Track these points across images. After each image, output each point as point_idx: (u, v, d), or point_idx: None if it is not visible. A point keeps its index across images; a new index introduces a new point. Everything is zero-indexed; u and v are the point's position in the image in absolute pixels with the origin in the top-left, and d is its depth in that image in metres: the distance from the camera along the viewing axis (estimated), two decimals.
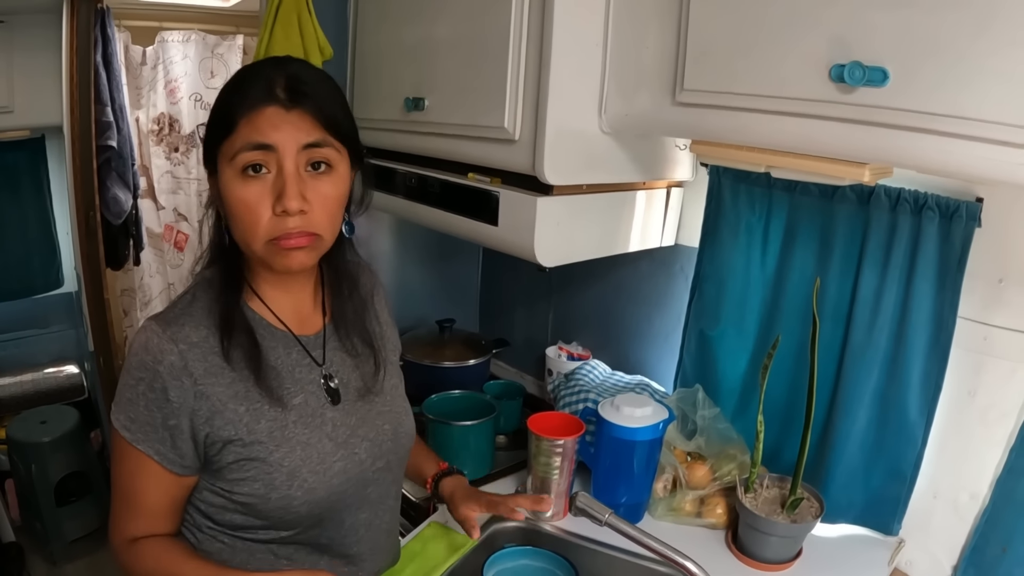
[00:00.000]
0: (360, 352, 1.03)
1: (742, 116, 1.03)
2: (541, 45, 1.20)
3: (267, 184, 0.84)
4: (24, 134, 2.84)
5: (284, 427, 0.90)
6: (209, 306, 0.90)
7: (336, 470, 0.93)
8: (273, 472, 0.88)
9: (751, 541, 1.25)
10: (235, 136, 0.83)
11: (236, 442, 0.87)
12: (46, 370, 3.03)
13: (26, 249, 3.03)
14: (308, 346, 0.97)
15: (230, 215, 0.87)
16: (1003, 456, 1.19)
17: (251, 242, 0.86)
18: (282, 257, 0.86)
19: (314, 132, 0.85)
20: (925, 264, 1.18)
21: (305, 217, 0.85)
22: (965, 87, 0.81)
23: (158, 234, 3.19)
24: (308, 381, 0.95)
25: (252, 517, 0.91)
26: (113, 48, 2.62)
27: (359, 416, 0.99)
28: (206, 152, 0.89)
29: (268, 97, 0.83)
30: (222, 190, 0.86)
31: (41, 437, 2.58)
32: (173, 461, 0.87)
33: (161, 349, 0.84)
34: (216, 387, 0.87)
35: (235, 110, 0.83)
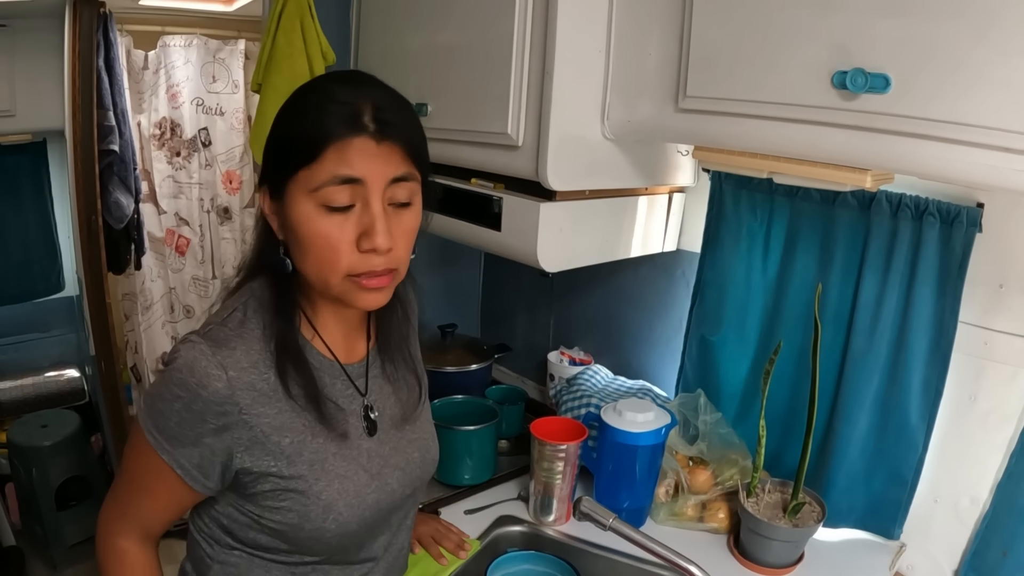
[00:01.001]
0: (402, 379, 1.00)
1: (745, 122, 1.03)
2: (544, 51, 1.21)
3: (352, 217, 0.79)
4: (26, 138, 2.84)
5: (324, 460, 0.87)
6: (262, 327, 0.85)
7: (370, 502, 0.91)
8: (310, 505, 0.85)
9: (753, 545, 1.25)
10: (319, 166, 0.76)
11: (275, 473, 0.84)
12: (47, 374, 3.02)
13: (27, 253, 3.03)
14: (352, 375, 0.93)
15: (303, 247, 0.80)
16: (1004, 460, 1.19)
17: (328, 277, 0.81)
18: (362, 296, 0.82)
19: (402, 166, 0.80)
20: (926, 269, 1.19)
21: (390, 255, 0.81)
22: (966, 94, 0.82)
23: (160, 239, 3.19)
24: (349, 412, 0.92)
25: (279, 541, 0.89)
26: (115, 52, 2.62)
27: (392, 446, 0.96)
28: (273, 174, 0.82)
29: (357, 127, 0.77)
30: (294, 219, 0.79)
31: (42, 441, 2.58)
32: (195, 479, 0.83)
33: (208, 374, 0.79)
34: (262, 417, 0.82)
35: (321, 137, 0.76)
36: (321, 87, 0.81)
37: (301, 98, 0.81)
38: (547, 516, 1.34)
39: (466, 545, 1.23)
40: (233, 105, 3.17)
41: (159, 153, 3.10)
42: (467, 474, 1.47)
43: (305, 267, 0.82)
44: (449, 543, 1.22)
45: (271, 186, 0.83)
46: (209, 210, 3.26)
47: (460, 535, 1.25)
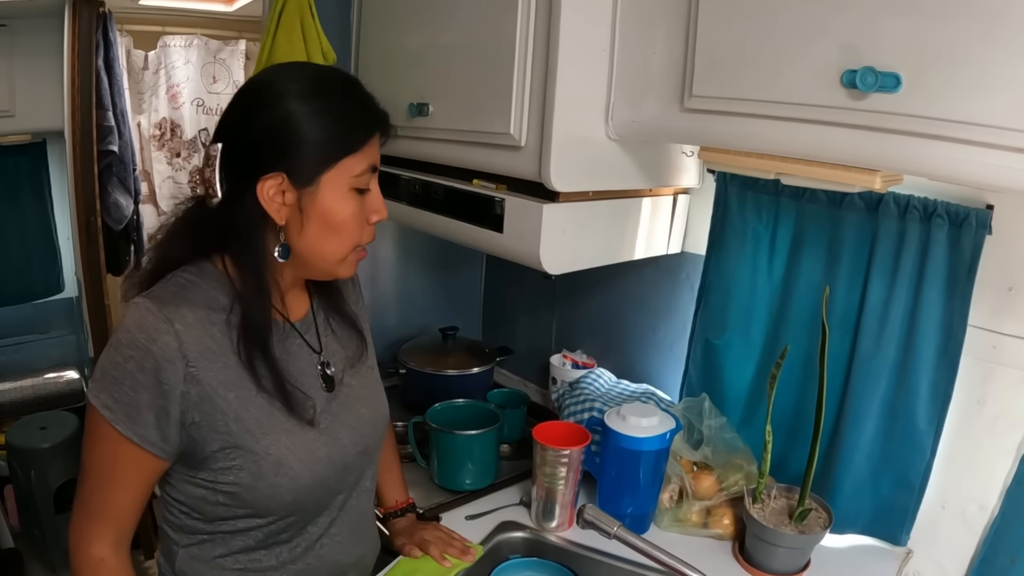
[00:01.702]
0: (343, 331, 1.07)
1: (752, 123, 1.02)
2: (548, 51, 1.19)
3: (366, 200, 0.93)
4: (25, 138, 2.83)
5: (271, 415, 0.90)
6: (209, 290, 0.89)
7: (321, 456, 0.95)
8: (260, 461, 0.89)
9: (758, 552, 1.24)
10: (362, 155, 0.89)
11: (223, 430, 0.87)
12: (46, 375, 3.01)
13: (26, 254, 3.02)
14: (300, 329, 1.00)
15: (334, 228, 0.90)
16: (1012, 466, 1.18)
17: (346, 252, 0.93)
18: (352, 267, 0.96)
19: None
20: (934, 272, 1.17)
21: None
22: (977, 93, 0.80)
23: None
24: (297, 370, 0.96)
25: (235, 507, 0.91)
26: (115, 53, 2.61)
27: (341, 402, 1.01)
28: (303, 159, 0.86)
29: (380, 126, 0.92)
30: (329, 204, 0.88)
31: (40, 443, 2.57)
32: (154, 444, 0.85)
33: (157, 328, 0.83)
34: (208, 372, 0.86)
35: (363, 130, 0.89)
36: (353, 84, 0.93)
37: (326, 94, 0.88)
38: (549, 522, 1.33)
39: (471, 550, 1.22)
40: None
41: (159, 154, 3.09)
42: (468, 479, 1.45)
43: (324, 247, 0.91)
44: (453, 550, 1.21)
45: (295, 174, 0.86)
46: None
47: (463, 541, 1.24)
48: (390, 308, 2.08)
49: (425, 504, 1.41)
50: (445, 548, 1.21)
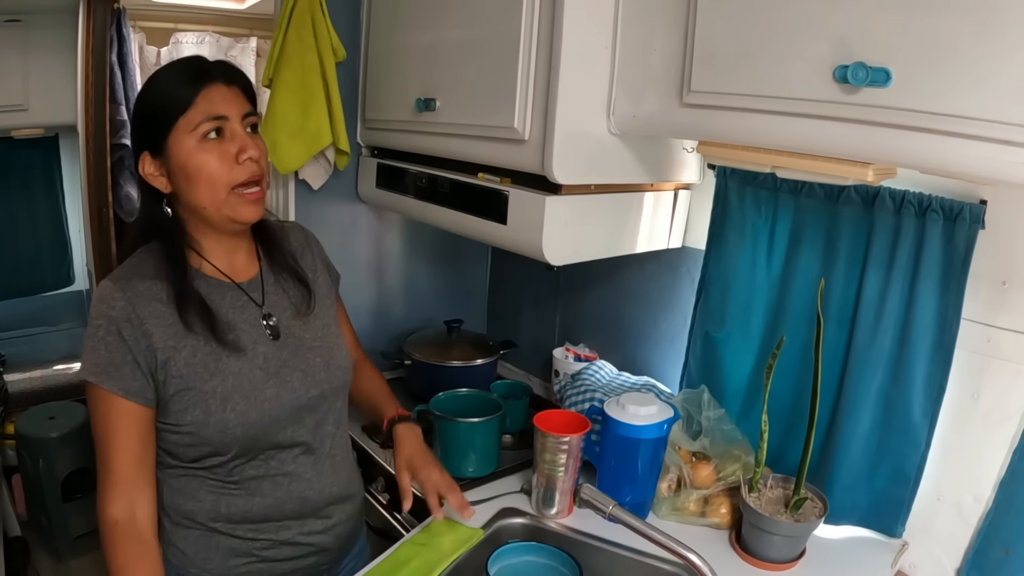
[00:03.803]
0: (292, 287, 1.18)
1: (748, 117, 1.04)
2: (551, 47, 1.22)
3: (225, 144, 1.02)
4: (38, 132, 2.87)
5: (218, 360, 1.04)
6: (154, 265, 1.05)
7: (268, 395, 1.07)
8: (208, 399, 1.02)
9: (755, 540, 1.26)
10: (193, 111, 1.00)
11: (176, 375, 1.02)
12: (55, 367, 3.04)
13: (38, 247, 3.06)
14: (247, 289, 1.13)
15: (194, 177, 1.01)
16: (1007, 458, 1.19)
17: (219, 194, 1.02)
18: (245, 208, 1.04)
19: (247, 104, 1.05)
20: (929, 266, 1.19)
21: (256, 164, 1.04)
22: (966, 87, 0.82)
23: None
24: (243, 321, 1.10)
25: (199, 446, 1.04)
26: (128, 48, 2.65)
27: (291, 350, 1.13)
28: (150, 135, 1.02)
29: (211, 77, 1.02)
30: (182, 159, 1.01)
31: (49, 433, 2.60)
32: (136, 393, 1.00)
33: (112, 297, 1.00)
34: (159, 328, 1.01)
35: (187, 89, 1.00)
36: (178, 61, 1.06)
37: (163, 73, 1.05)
38: (549, 509, 1.35)
39: (469, 509, 1.25)
40: None
41: None
42: (470, 467, 1.48)
43: (198, 195, 1.02)
44: (454, 499, 1.24)
45: (151, 149, 1.03)
46: None
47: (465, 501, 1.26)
48: (396, 300, 2.10)
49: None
50: (445, 494, 1.24)
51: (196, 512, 1.09)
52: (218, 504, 1.09)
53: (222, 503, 1.09)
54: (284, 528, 1.13)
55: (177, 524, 1.11)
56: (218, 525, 1.10)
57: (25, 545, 2.58)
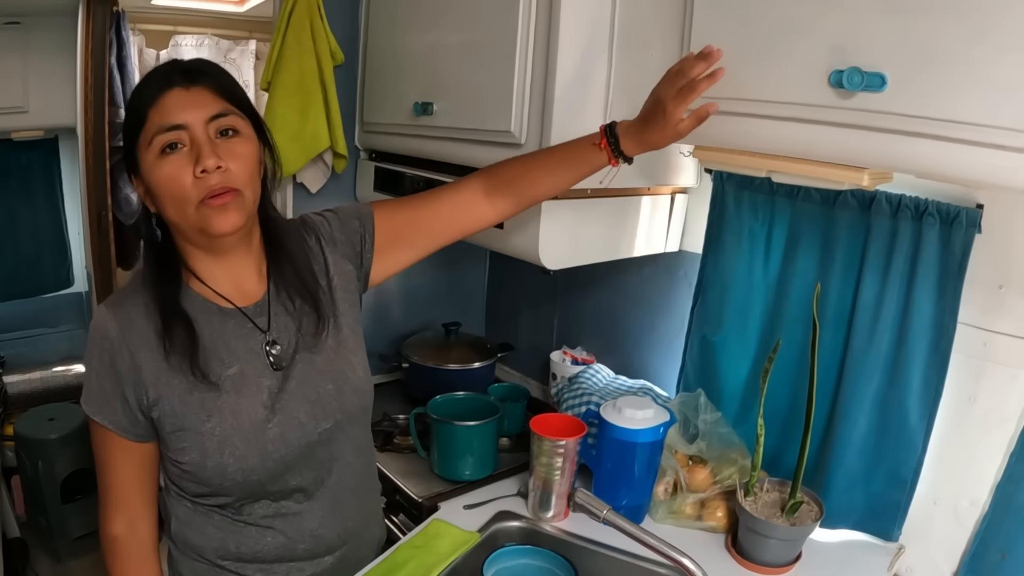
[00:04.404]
0: (303, 311, 1.05)
1: (744, 121, 1.04)
2: (548, 51, 1.22)
3: (184, 156, 0.90)
4: (38, 134, 2.88)
5: (216, 397, 0.95)
6: (149, 287, 0.97)
7: (271, 436, 0.97)
8: (205, 441, 0.94)
9: (751, 544, 1.26)
10: (148, 125, 0.90)
11: (171, 413, 0.94)
12: (55, 368, 3.05)
13: (37, 248, 3.07)
14: (251, 315, 1.01)
15: (159, 195, 0.92)
16: (1003, 462, 1.19)
17: (184, 209, 0.91)
18: (215, 218, 0.91)
19: (216, 104, 0.92)
20: (926, 270, 1.19)
21: (225, 174, 0.91)
22: (963, 92, 0.83)
23: None
24: (246, 351, 0.99)
25: (197, 483, 0.97)
26: (127, 51, 2.66)
27: (299, 379, 1.01)
28: (127, 158, 0.95)
29: (168, 83, 0.91)
30: (147, 176, 0.92)
31: (48, 434, 2.61)
32: (125, 429, 0.95)
33: (105, 326, 0.94)
34: (151, 361, 0.94)
35: (142, 104, 0.91)
36: (152, 70, 0.96)
37: (137, 84, 0.96)
38: (546, 512, 1.35)
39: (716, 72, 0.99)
40: None
41: None
42: (467, 470, 1.48)
43: (168, 213, 0.93)
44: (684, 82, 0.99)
45: (131, 169, 0.96)
46: None
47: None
48: (394, 303, 2.11)
49: (425, 494, 1.44)
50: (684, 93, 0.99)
51: (203, 548, 1.03)
52: (227, 542, 1.02)
53: (231, 541, 1.02)
54: (297, 569, 1.05)
55: (184, 554, 1.05)
56: (227, 563, 1.03)
57: (24, 546, 2.59)
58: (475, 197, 1.16)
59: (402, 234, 1.17)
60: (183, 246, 0.99)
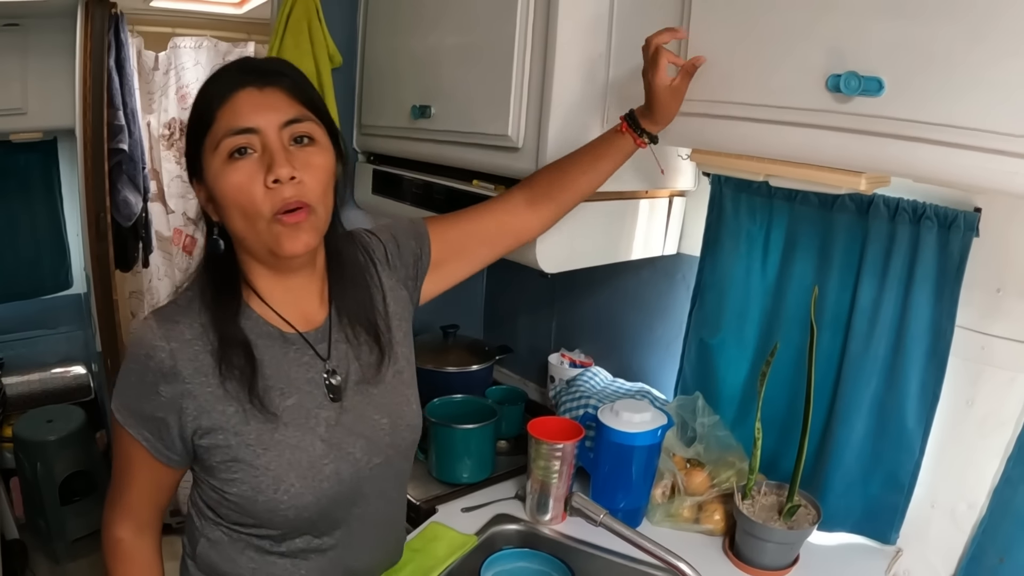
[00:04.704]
0: (362, 343, 0.99)
1: (741, 125, 1.04)
2: (545, 55, 1.22)
3: (255, 163, 0.83)
4: (37, 136, 2.88)
5: (274, 429, 0.88)
6: (207, 304, 0.89)
7: (327, 473, 0.91)
8: (260, 476, 0.87)
9: (748, 547, 1.26)
10: (216, 127, 0.84)
11: (223, 443, 0.87)
12: (54, 370, 3.05)
13: (36, 250, 3.07)
14: (312, 341, 0.94)
15: (226, 206, 0.85)
16: (1001, 465, 1.19)
17: (254, 223, 0.84)
18: (286, 238, 0.84)
19: (292, 109, 0.86)
20: (923, 273, 1.19)
21: (298, 186, 0.84)
22: (959, 96, 0.83)
23: (167, 237, 3.22)
24: (305, 380, 0.93)
25: (243, 516, 0.91)
26: (126, 53, 2.65)
27: (355, 412, 0.95)
28: (190, 160, 0.89)
29: (240, 82, 0.84)
30: (212, 185, 0.85)
31: (47, 436, 2.61)
32: (160, 451, 0.89)
33: (153, 346, 0.85)
34: (205, 387, 0.86)
35: (211, 102, 0.84)
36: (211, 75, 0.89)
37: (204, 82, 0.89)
38: (543, 515, 1.35)
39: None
40: None
41: (168, 153, 3.13)
42: (465, 472, 1.48)
43: (235, 225, 0.86)
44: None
45: (194, 173, 0.89)
46: None
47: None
48: None
49: (422, 496, 1.44)
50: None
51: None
52: (258, 573, 0.95)
53: (263, 572, 0.95)
54: None
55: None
56: None
57: (23, 548, 2.59)
58: (519, 209, 1.15)
59: (455, 250, 1.14)
60: (246, 261, 0.92)
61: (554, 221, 1.19)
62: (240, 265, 0.92)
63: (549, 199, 1.15)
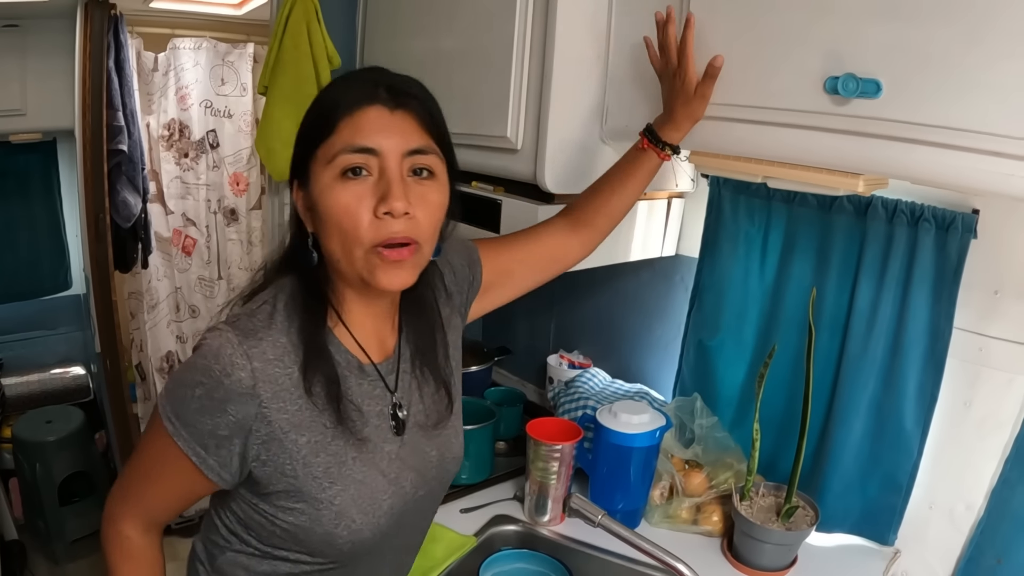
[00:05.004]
0: (430, 382, 0.96)
1: (739, 127, 1.05)
2: (544, 57, 1.22)
3: (368, 186, 0.78)
4: (36, 137, 2.88)
5: (342, 463, 0.84)
6: (289, 322, 0.83)
7: (384, 508, 0.88)
8: (323, 510, 0.83)
9: (746, 548, 1.26)
10: (335, 138, 0.78)
11: (289, 473, 0.82)
12: (53, 371, 3.06)
13: (36, 251, 3.07)
14: (383, 371, 0.90)
15: (327, 223, 0.80)
16: (999, 467, 1.19)
17: (352, 249, 0.79)
18: (384, 274, 0.80)
19: (418, 137, 0.81)
20: (921, 275, 1.19)
21: (410, 222, 0.79)
22: (957, 99, 0.83)
23: (166, 238, 3.22)
24: (376, 413, 0.89)
25: (291, 544, 0.86)
26: (125, 54, 2.65)
27: (412, 446, 0.92)
28: (297, 160, 0.83)
29: (371, 97, 0.79)
30: (317, 196, 0.80)
31: (46, 437, 2.61)
32: (211, 468, 0.81)
33: (233, 363, 0.77)
34: (282, 413, 0.80)
35: (335, 111, 0.79)
36: (347, 74, 0.85)
37: (328, 87, 0.84)
38: (542, 516, 1.35)
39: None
40: (241, 108, 3.20)
41: (167, 154, 3.13)
42: (464, 473, 1.48)
43: (331, 246, 0.81)
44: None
45: (299, 176, 0.83)
46: (216, 211, 3.29)
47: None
48: None
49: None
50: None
51: None
52: None
53: None
54: None
55: None
56: None
57: (22, 549, 2.59)
58: (562, 235, 1.15)
59: (503, 275, 1.11)
60: (335, 281, 0.86)
61: (596, 245, 1.20)
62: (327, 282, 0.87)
63: (587, 224, 1.16)
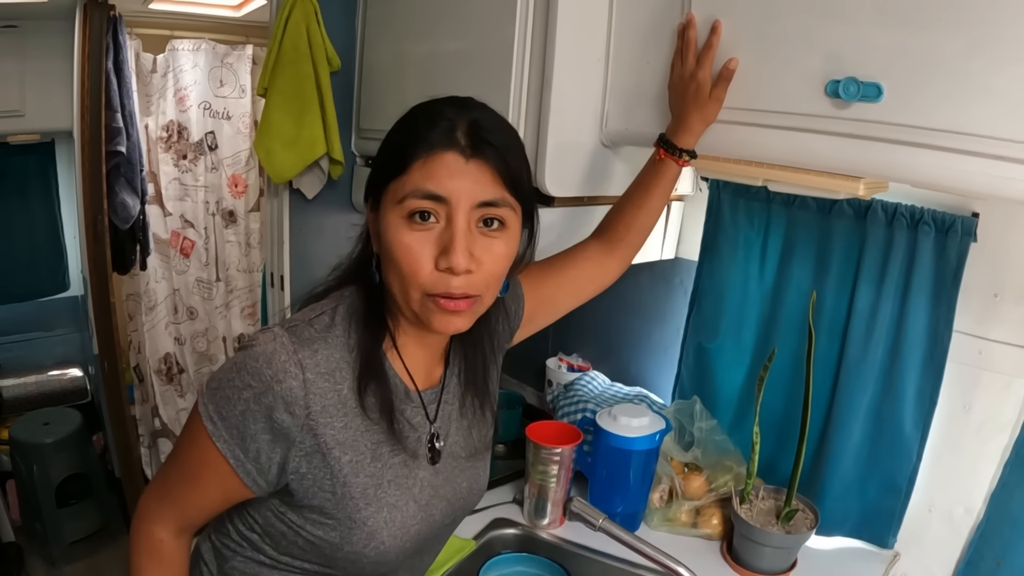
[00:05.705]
0: (474, 414, 0.96)
1: (740, 130, 1.05)
2: (544, 60, 1.22)
3: (434, 235, 0.77)
4: (34, 138, 2.87)
5: (379, 485, 0.84)
6: (347, 335, 0.83)
7: (412, 533, 0.88)
8: (355, 529, 0.82)
9: (746, 551, 1.26)
10: (407, 178, 0.77)
11: (327, 489, 0.81)
12: (50, 372, 3.05)
13: (33, 252, 3.06)
14: (426, 400, 0.90)
15: (388, 259, 0.79)
16: (998, 470, 1.20)
17: (409, 292, 0.79)
18: (439, 319, 0.79)
19: (492, 188, 0.77)
20: (921, 278, 1.19)
21: (470, 278, 0.77)
22: (959, 102, 0.83)
23: (165, 240, 3.21)
24: (414, 439, 0.88)
25: (312, 555, 0.86)
26: (124, 55, 2.65)
27: (446, 476, 0.92)
28: (372, 185, 0.83)
29: (447, 141, 0.76)
30: (383, 230, 0.79)
31: (43, 438, 2.60)
32: (248, 473, 0.79)
33: (286, 370, 0.76)
34: (327, 428, 0.79)
35: (410, 149, 0.77)
36: (431, 104, 0.81)
37: (409, 113, 0.82)
38: (541, 519, 1.35)
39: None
40: (240, 109, 3.19)
41: (166, 156, 3.12)
42: None
43: (390, 280, 0.81)
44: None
45: (372, 198, 0.83)
46: (214, 213, 3.28)
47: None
48: None
49: None
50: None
51: None
52: None
53: None
54: None
55: None
56: None
57: (19, 551, 2.58)
58: (598, 255, 1.17)
59: (544, 304, 1.13)
60: (392, 307, 0.85)
61: (630, 261, 1.21)
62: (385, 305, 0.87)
63: (620, 241, 1.17)
